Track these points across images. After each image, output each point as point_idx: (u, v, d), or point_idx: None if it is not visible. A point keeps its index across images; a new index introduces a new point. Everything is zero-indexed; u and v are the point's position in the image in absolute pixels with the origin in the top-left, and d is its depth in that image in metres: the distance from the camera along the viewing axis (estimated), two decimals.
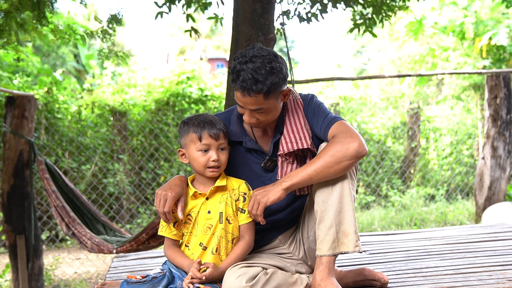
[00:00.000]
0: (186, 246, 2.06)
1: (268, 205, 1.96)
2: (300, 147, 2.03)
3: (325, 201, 1.99)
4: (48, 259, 5.79)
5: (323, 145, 2.05)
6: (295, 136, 2.06)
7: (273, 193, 1.96)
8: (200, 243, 2.01)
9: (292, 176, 1.96)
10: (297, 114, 2.10)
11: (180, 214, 2.00)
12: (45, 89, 6.56)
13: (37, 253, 4.43)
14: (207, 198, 2.04)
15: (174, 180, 2.06)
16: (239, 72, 1.94)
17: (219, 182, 2.04)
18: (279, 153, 2.07)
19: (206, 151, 2.01)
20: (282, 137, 2.08)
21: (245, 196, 2.06)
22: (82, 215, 3.99)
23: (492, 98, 5.47)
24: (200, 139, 2.01)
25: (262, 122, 2.03)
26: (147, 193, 6.72)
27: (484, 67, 8.49)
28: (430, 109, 8.73)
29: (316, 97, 2.18)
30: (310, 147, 2.04)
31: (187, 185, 2.08)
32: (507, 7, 8.32)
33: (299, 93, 2.17)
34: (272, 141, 2.12)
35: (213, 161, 2.00)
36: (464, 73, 7.66)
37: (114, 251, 3.57)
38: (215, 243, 2.00)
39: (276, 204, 2.14)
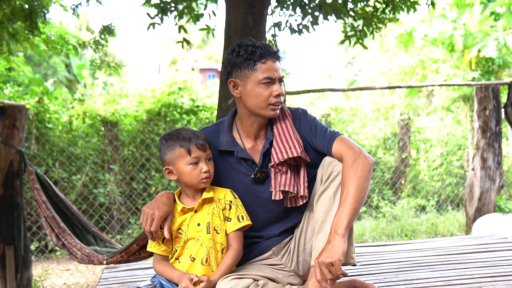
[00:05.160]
0: (176, 259, 2.05)
1: (342, 260, 1.85)
2: (291, 156, 2.04)
3: (326, 212, 2.00)
4: (37, 270, 5.73)
5: (327, 158, 2.08)
6: (284, 145, 2.06)
7: (337, 247, 1.85)
8: (190, 255, 2.01)
9: (340, 222, 1.88)
10: (285, 124, 2.12)
11: (166, 234, 2.00)
12: (36, 98, 6.53)
13: (26, 264, 4.39)
14: (195, 211, 2.04)
15: (162, 198, 2.04)
16: (254, 48, 2.02)
17: (206, 194, 2.04)
18: (271, 164, 2.08)
19: (196, 163, 2.01)
20: (273, 147, 2.08)
21: (231, 204, 2.06)
22: (72, 226, 3.95)
23: (481, 110, 5.52)
24: (189, 153, 2.00)
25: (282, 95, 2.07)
26: (138, 203, 6.69)
27: (473, 79, 8.58)
28: (420, 120, 8.79)
29: (308, 112, 2.20)
30: (301, 155, 2.05)
31: (174, 200, 2.08)
32: (495, 20, 8.41)
33: (287, 107, 2.19)
34: (262, 152, 2.12)
35: (205, 172, 2.01)
36: (453, 85, 7.73)
37: (105, 262, 3.54)
38: (204, 253, 2.00)
39: (269, 217, 2.15)
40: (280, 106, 2.08)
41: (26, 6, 3.76)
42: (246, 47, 2.03)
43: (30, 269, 4.44)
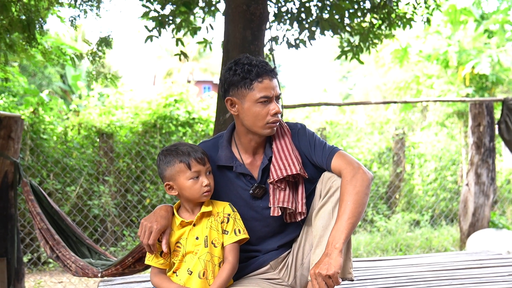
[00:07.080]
0: (174, 272, 2.05)
1: (339, 273, 1.87)
2: (290, 173, 2.05)
3: (325, 227, 2.00)
4: (30, 282, 5.67)
5: (326, 174, 2.09)
6: (283, 162, 2.07)
7: (334, 260, 1.87)
8: (188, 268, 2.01)
9: (338, 236, 1.90)
10: (284, 140, 2.12)
11: (164, 248, 2.00)
12: (31, 109, 6.51)
13: (18, 277, 4.34)
14: (194, 225, 2.04)
15: (160, 211, 2.04)
16: (251, 66, 2.02)
17: (204, 208, 2.04)
18: (270, 181, 2.08)
19: (197, 178, 2.01)
20: (272, 164, 2.09)
21: (229, 217, 2.06)
22: (67, 238, 3.93)
23: (475, 126, 5.56)
24: (189, 168, 2.00)
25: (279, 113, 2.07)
26: (132, 215, 6.66)
27: (467, 95, 8.66)
28: (415, 135, 8.84)
29: (306, 127, 2.21)
30: (300, 172, 2.06)
31: (173, 214, 2.08)
32: (489, 37, 8.52)
33: (285, 122, 2.21)
34: (261, 168, 2.13)
35: (206, 186, 2.01)
36: (448, 101, 7.80)
37: (99, 274, 3.51)
38: (201, 267, 1.99)
39: (267, 231, 2.15)
40: (277, 124, 2.09)
41: (24, 17, 3.76)
42: (243, 66, 2.03)
43: (22, 281, 4.40)
